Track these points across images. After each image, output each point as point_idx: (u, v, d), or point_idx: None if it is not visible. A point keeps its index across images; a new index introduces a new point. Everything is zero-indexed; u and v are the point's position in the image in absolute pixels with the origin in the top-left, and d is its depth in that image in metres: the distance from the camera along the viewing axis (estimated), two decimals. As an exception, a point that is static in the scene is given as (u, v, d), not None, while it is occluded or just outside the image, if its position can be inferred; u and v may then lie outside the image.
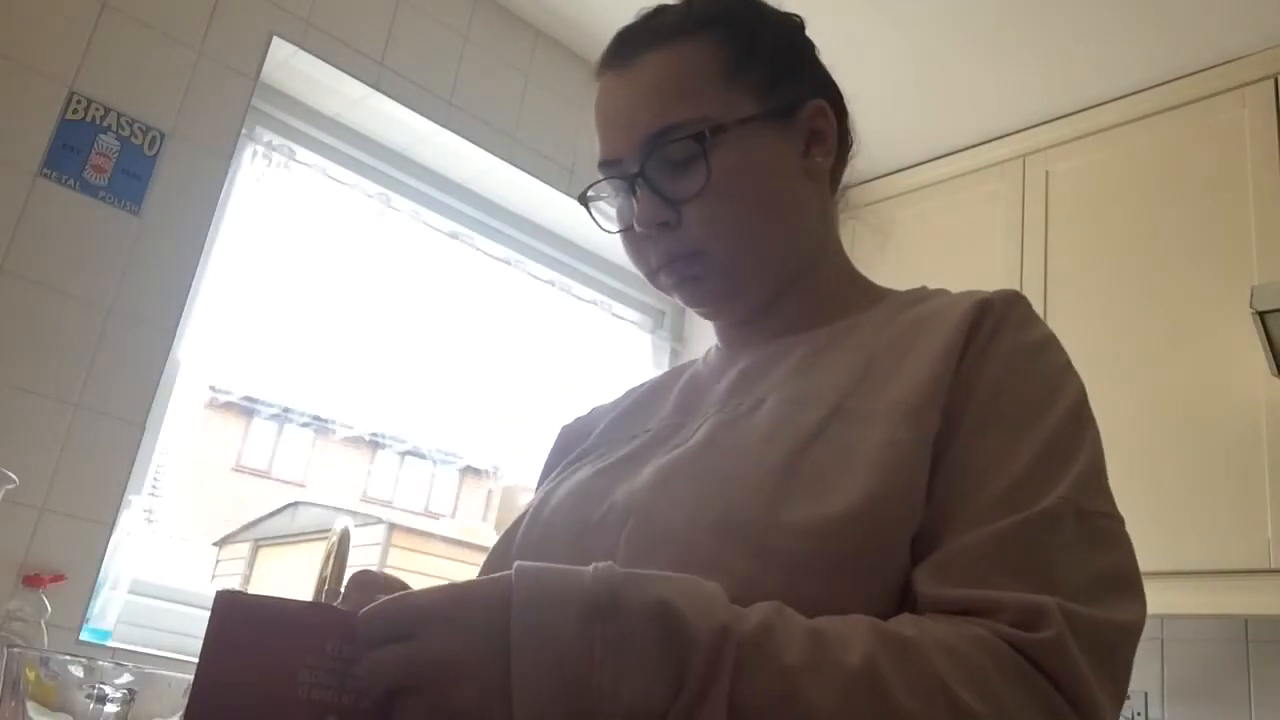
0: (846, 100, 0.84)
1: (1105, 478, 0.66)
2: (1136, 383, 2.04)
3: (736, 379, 0.77)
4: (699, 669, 0.49)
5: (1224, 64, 2.12)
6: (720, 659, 0.50)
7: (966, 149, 2.52)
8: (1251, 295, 1.71)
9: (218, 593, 0.56)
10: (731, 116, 0.74)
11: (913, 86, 2.38)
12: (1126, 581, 0.61)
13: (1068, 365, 0.70)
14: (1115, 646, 0.58)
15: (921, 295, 0.78)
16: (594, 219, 0.82)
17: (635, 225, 0.76)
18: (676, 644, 0.50)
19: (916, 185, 2.60)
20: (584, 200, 0.82)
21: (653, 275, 0.79)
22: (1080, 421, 0.66)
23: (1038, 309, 2.50)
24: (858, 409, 0.66)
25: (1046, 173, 2.36)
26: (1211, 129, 2.12)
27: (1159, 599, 1.89)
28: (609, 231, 0.80)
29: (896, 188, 2.63)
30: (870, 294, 0.81)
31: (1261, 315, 1.71)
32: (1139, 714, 2.14)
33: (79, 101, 1.71)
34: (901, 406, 0.65)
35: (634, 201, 0.76)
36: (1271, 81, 2.05)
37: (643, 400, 0.87)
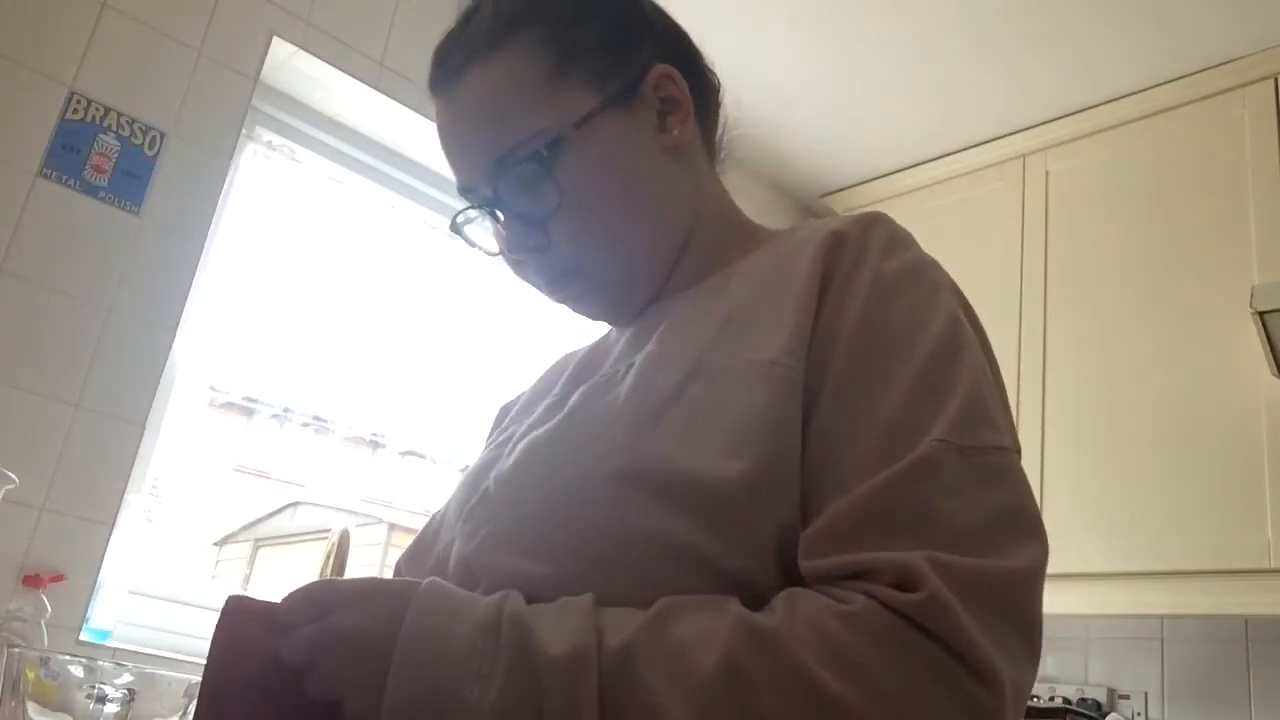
0: (698, 42, 0.78)
1: (992, 406, 0.60)
2: (1136, 382, 2.04)
3: (621, 346, 0.73)
4: (560, 696, 0.50)
5: (1224, 64, 2.12)
6: (579, 687, 0.50)
7: (966, 149, 2.52)
8: (1251, 295, 1.72)
9: (228, 597, 0.56)
10: (568, 121, 0.68)
11: (913, 86, 2.38)
12: (1019, 520, 0.56)
13: (936, 287, 0.63)
14: (1008, 594, 0.53)
15: (795, 230, 0.73)
16: (471, 245, 0.76)
17: (506, 252, 0.73)
18: (533, 668, 0.52)
19: (916, 185, 2.60)
20: (455, 228, 0.75)
21: (544, 295, 0.76)
22: (955, 347, 0.60)
23: (1037, 309, 2.48)
24: (716, 365, 0.62)
25: (1046, 173, 2.36)
26: (1211, 129, 2.12)
27: (1159, 599, 1.90)
28: (490, 255, 0.76)
29: (896, 188, 2.63)
30: (754, 239, 0.76)
31: (1261, 315, 1.71)
32: (1139, 714, 2.14)
33: (79, 101, 1.71)
34: (756, 365, 0.60)
35: (500, 228, 0.72)
36: (1271, 81, 2.06)
37: (551, 373, 0.85)
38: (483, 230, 0.76)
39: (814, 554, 0.55)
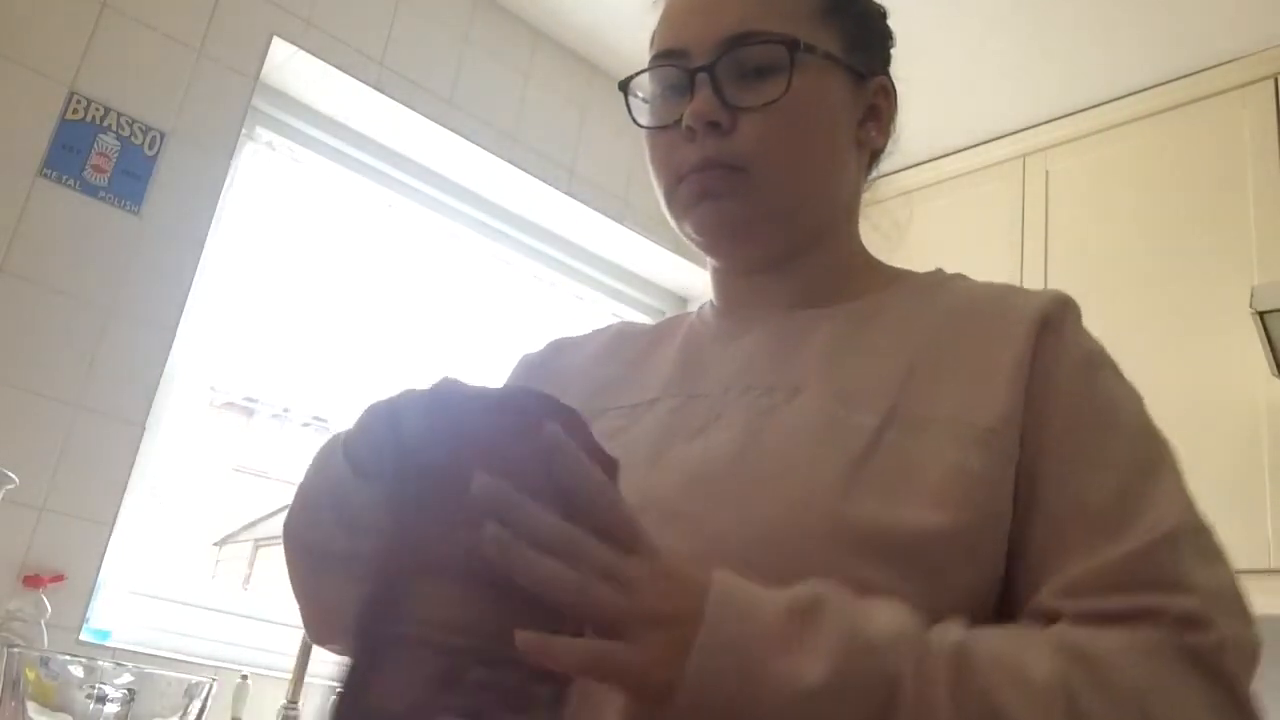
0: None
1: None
2: (1136, 383, 2.03)
3: (755, 355, 0.73)
4: (911, 688, 0.50)
5: (1224, 64, 2.12)
6: (925, 662, 0.50)
7: (966, 149, 2.52)
8: (1251, 295, 1.71)
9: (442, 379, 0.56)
10: (820, 46, 0.72)
11: (912, 86, 2.37)
12: (1242, 598, 0.61)
13: (1118, 366, 0.72)
14: (1252, 658, 0.57)
15: (940, 279, 0.77)
16: (629, 108, 0.78)
17: (684, 119, 0.71)
18: (869, 644, 0.51)
19: (916, 185, 2.60)
20: (625, 87, 0.78)
21: (674, 186, 0.74)
22: (1153, 427, 0.68)
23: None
24: (914, 416, 0.64)
25: (1046, 173, 2.36)
26: (1211, 129, 2.11)
27: (1159, 599, 1.90)
28: (641, 125, 0.77)
29: (896, 187, 2.61)
30: (885, 274, 0.80)
31: (1261, 315, 1.71)
32: (1139, 714, 2.13)
33: (79, 101, 1.71)
34: (970, 429, 0.63)
35: (689, 97, 0.72)
36: (1271, 81, 2.05)
37: (633, 355, 0.82)
38: (639, 104, 0.78)
39: (1073, 600, 0.57)
